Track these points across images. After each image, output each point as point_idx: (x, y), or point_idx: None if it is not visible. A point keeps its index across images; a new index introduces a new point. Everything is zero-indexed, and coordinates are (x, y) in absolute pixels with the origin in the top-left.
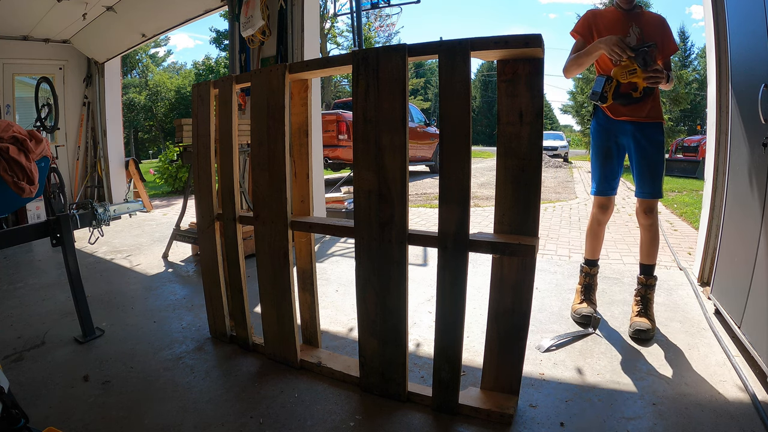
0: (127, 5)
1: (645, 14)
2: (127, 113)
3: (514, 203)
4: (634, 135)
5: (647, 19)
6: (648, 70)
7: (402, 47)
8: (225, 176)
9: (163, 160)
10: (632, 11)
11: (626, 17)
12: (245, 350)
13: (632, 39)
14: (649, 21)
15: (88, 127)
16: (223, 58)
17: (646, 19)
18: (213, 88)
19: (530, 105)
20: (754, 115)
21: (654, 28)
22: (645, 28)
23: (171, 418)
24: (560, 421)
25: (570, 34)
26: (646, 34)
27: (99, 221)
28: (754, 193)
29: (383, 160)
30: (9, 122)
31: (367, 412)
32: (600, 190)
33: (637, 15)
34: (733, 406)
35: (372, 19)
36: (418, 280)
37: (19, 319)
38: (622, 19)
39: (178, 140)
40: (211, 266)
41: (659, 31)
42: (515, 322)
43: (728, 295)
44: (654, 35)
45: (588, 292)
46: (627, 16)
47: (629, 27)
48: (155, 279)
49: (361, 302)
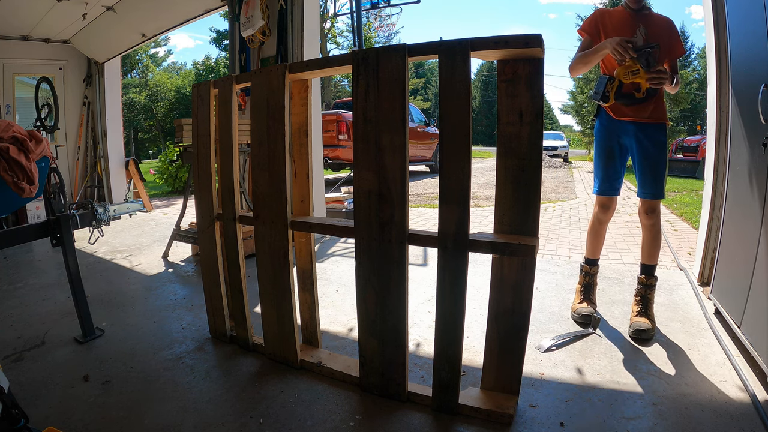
0: (127, 5)
1: (653, 15)
2: (127, 113)
3: (514, 203)
4: (637, 135)
5: (655, 20)
6: (651, 71)
7: (402, 47)
8: (225, 176)
9: (163, 160)
10: (640, 12)
11: (634, 17)
12: (245, 350)
13: (638, 39)
14: (656, 22)
15: (88, 127)
16: (223, 58)
17: (654, 21)
18: (213, 88)
19: (530, 105)
20: (754, 115)
21: (661, 29)
22: (651, 29)
23: (171, 418)
24: (560, 421)
25: (577, 32)
26: (652, 36)
27: (99, 221)
28: (754, 193)
29: (383, 160)
30: (9, 122)
31: (367, 412)
32: (602, 190)
33: (645, 16)
34: (733, 406)
35: (372, 19)
36: (418, 280)
37: (19, 319)
38: (629, 19)
39: (178, 140)
40: (211, 266)
41: (666, 33)
42: (515, 322)
43: (728, 295)
44: (660, 37)
45: (588, 292)
46: (635, 16)
47: (636, 27)
48: (155, 279)
49: (361, 302)
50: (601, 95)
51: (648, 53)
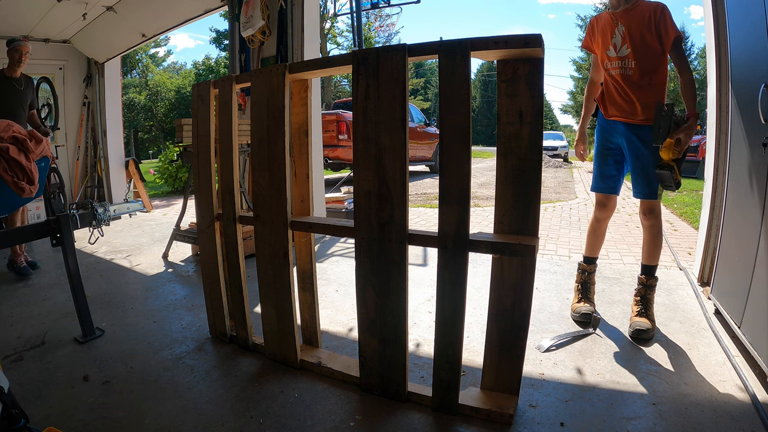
0: (127, 5)
1: (638, 8)
2: (127, 113)
3: (514, 203)
4: (627, 136)
5: (637, 14)
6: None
7: (402, 47)
8: (225, 176)
9: (163, 160)
10: (621, 9)
11: (612, 19)
12: (245, 350)
13: (617, 40)
14: (638, 17)
15: (88, 127)
16: (223, 58)
17: (636, 15)
18: (213, 88)
19: (530, 105)
20: (754, 115)
21: (641, 23)
22: (631, 26)
23: (171, 418)
24: (560, 421)
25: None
26: (630, 33)
27: (99, 221)
28: (754, 193)
29: (383, 160)
30: (9, 122)
31: (367, 412)
32: (597, 187)
33: (626, 11)
34: (733, 406)
35: (372, 19)
36: (418, 280)
37: (19, 319)
38: (609, 22)
39: (178, 140)
40: (211, 266)
41: (646, 24)
42: (515, 322)
43: (728, 295)
44: (638, 31)
45: (585, 290)
46: (614, 17)
47: (615, 27)
48: (155, 279)
49: (361, 302)
50: (675, 183)
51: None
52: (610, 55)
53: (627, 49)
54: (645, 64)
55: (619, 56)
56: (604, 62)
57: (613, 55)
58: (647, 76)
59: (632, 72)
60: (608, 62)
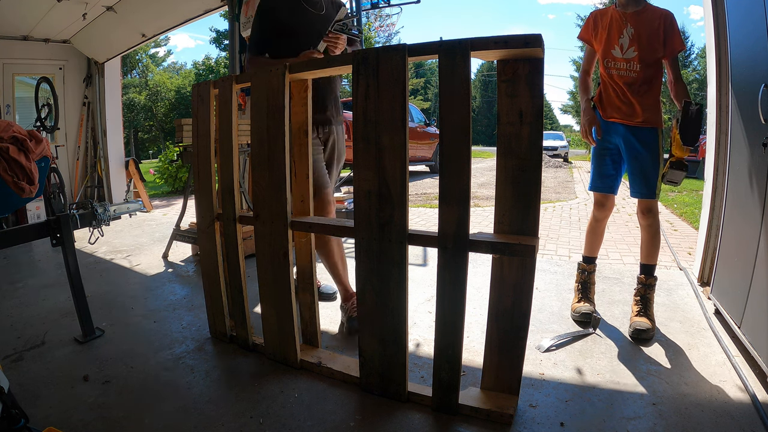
0: (127, 5)
1: (647, 12)
2: (127, 113)
3: (514, 203)
4: (626, 137)
5: (646, 18)
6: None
7: (402, 47)
8: (225, 176)
9: (163, 160)
10: (633, 10)
11: (622, 18)
12: (245, 350)
13: (625, 41)
14: (647, 21)
15: (88, 127)
16: (223, 58)
17: (645, 19)
18: (213, 88)
19: (530, 105)
20: (754, 115)
21: (651, 28)
22: (640, 29)
23: (171, 418)
24: (560, 421)
25: (577, 38)
26: (639, 36)
27: (99, 221)
28: (754, 193)
29: (383, 160)
30: (9, 122)
31: (367, 412)
32: (594, 186)
33: (637, 14)
34: (733, 406)
35: (372, 19)
36: (418, 280)
37: (19, 319)
38: (618, 20)
39: (178, 140)
40: (211, 266)
41: (657, 30)
42: (515, 322)
43: (728, 295)
44: (646, 35)
45: (585, 290)
46: (624, 16)
47: (624, 28)
48: (155, 279)
49: (361, 302)
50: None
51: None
52: (615, 54)
53: (634, 52)
54: (648, 68)
55: (624, 58)
56: (606, 61)
57: (618, 55)
58: (648, 81)
59: (636, 75)
60: (611, 62)
